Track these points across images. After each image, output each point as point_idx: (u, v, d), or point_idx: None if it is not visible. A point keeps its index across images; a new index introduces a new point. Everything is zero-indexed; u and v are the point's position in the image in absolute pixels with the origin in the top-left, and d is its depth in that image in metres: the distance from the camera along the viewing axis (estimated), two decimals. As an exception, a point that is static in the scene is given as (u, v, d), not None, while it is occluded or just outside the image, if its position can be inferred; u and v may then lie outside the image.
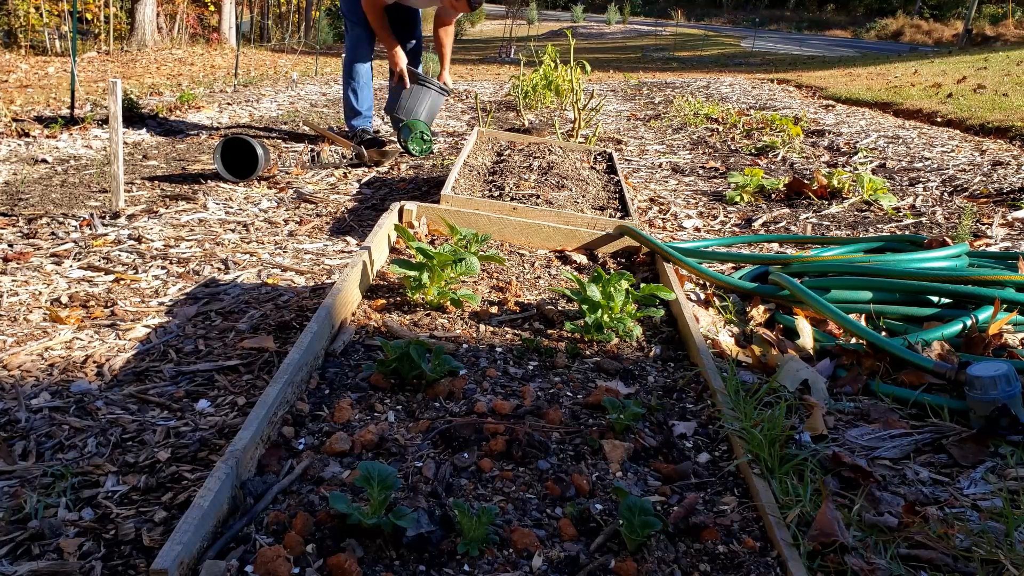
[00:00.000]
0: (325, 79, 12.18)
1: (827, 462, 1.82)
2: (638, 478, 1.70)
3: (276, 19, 23.03)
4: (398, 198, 4.33)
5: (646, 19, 41.06)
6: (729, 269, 3.36)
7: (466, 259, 2.53)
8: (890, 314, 2.63)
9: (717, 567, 1.42)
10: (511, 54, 20.29)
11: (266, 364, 2.26)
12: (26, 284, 2.81)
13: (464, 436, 1.75)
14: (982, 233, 4.02)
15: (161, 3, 16.67)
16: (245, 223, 3.73)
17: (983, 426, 1.97)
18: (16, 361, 2.24)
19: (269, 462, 1.64)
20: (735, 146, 6.80)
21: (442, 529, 1.42)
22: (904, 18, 35.31)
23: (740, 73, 16.77)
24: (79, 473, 1.71)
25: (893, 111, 9.25)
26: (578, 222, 3.43)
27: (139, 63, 12.90)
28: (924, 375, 2.21)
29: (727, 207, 4.60)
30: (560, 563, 1.40)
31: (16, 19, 14.77)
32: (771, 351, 2.40)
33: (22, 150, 5.13)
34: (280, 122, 7.16)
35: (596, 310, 2.38)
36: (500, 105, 9.49)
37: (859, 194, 4.66)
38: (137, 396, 2.07)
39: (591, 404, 1.97)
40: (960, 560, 1.50)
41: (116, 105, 3.52)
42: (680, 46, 26.67)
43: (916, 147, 6.66)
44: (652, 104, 10.37)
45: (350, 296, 2.42)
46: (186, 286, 2.88)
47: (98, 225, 3.56)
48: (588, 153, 5.27)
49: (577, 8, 38.34)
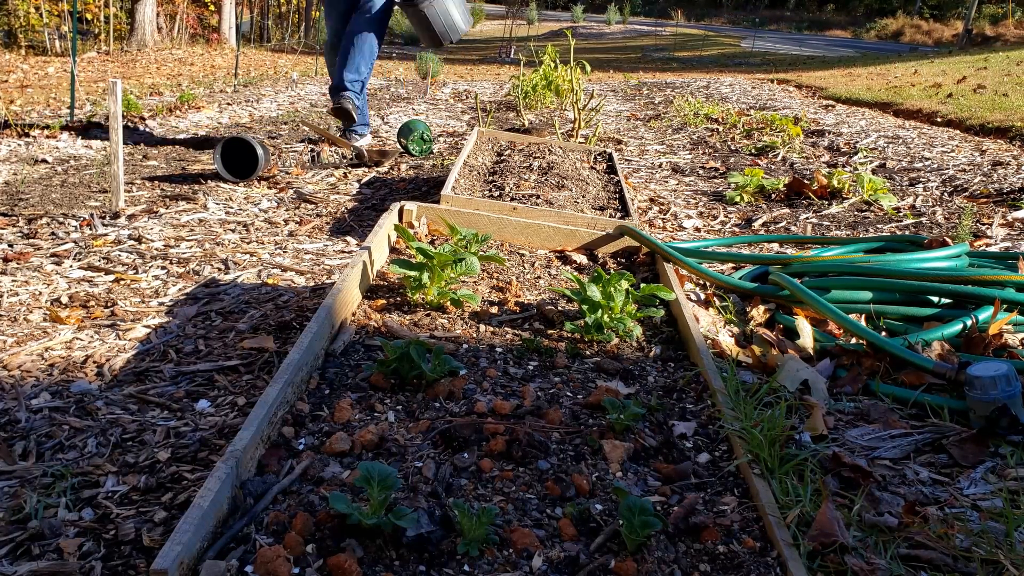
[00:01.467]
0: (325, 79, 12.18)
1: (827, 462, 1.82)
2: (638, 478, 1.70)
3: (276, 19, 23.03)
4: (398, 198, 4.33)
5: (646, 19, 41.06)
6: (729, 269, 3.36)
7: (466, 259, 2.53)
8: (890, 314, 2.63)
9: (717, 567, 1.42)
10: (511, 54, 20.28)
11: (266, 364, 2.26)
12: (26, 284, 2.81)
13: (464, 436, 1.75)
14: (982, 233, 4.02)
15: (161, 3, 16.67)
16: (245, 223, 3.73)
17: (983, 426, 1.97)
18: (16, 361, 2.24)
19: (269, 462, 1.64)
20: (735, 146, 6.80)
21: (442, 529, 1.42)
22: (904, 18, 35.32)
23: (740, 73, 16.76)
24: (79, 473, 1.71)
25: (893, 111, 9.25)
26: (578, 222, 3.43)
27: (139, 63, 12.90)
28: (924, 375, 2.21)
29: (727, 207, 4.60)
30: (560, 563, 1.39)
31: (16, 19, 14.77)
32: (771, 351, 2.40)
33: (22, 150, 5.13)
34: (280, 122, 7.16)
35: (596, 310, 2.38)
36: (500, 105, 9.49)
37: (859, 194, 4.66)
38: (137, 396, 2.07)
39: (591, 404, 1.97)
40: (960, 560, 1.50)
41: (116, 105, 3.52)
42: (680, 46, 26.67)
43: (916, 147, 6.66)
44: (652, 104, 10.37)
45: (350, 296, 2.42)
46: (186, 286, 2.88)
47: (98, 225, 3.56)
48: (588, 153, 5.27)
49: (577, 8, 38.33)
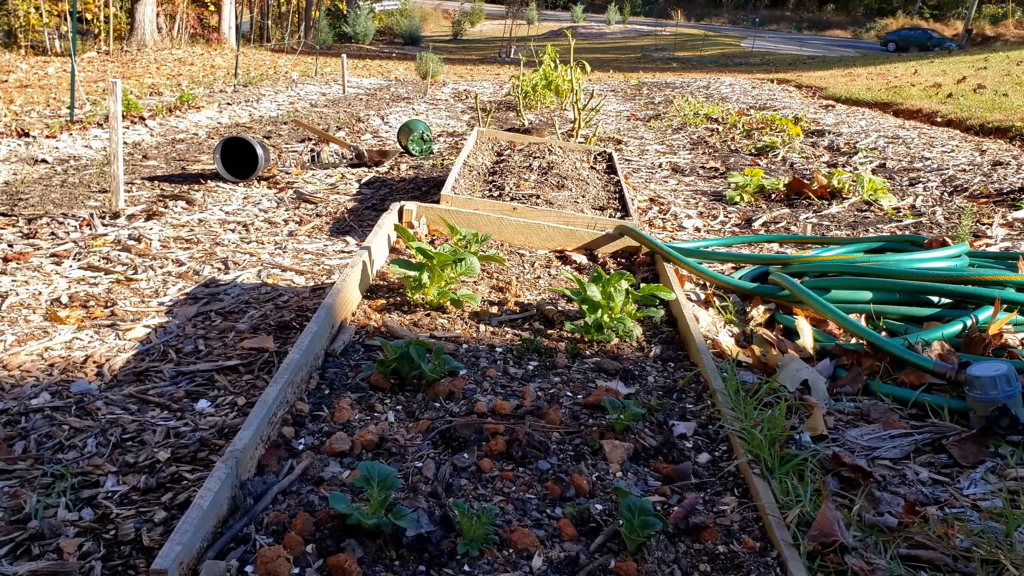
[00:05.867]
0: (325, 79, 12.18)
1: (827, 462, 1.82)
2: (638, 478, 1.70)
3: (276, 19, 23.03)
4: (398, 198, 4.33)
5: (646, 19, 41.05)
6: (729, 269, 3.36)
7: (466, 259, 2.53)
8: (890, 314, 2.63)
9: (717, 567, 1.42)
10: (511, 54, 20.28)
11: (266, 364, 2.26)
12: (26, 284, 2.81)
13: (464, 436, 1.75)
14: (982, 233, 4.02)
15: (161, 3, 16.67)
16: (245, 223, 3.73)
17: (983, 426, 1.97)
18: (16, 361, 2.24)
19: (269, 462, 1.64)
20: (735, 146, 6.80)
21: (442, 529, 1.42)
22: (904, 18, 35.32)
23: (740, 73, 16.76)
24: (79, 473, 1.71)
25: (893, 111, 9.25)
26: (578, 222, 3.43)
27: (139, 63, 12.89)
28: (924, 375, 2.20)
29: (727, 207, 4.60)
30: (560, 563, 1.39)
31: (16, 19, 14.77)
32: (771, 351, 2.40)
33: (22, 150, 5.13)
34: (280, 122, 7.16)
35: (596, 310, 2.38)
36: (500, 105, 9.49)
37: (859, 194, 4.66)
38: (137, 396, 2.07)
39: (591, 404, 1.97)
40: (960, 560, 1.50)
41: (116, 105, 3.52)
42: (680, 46, 26.66)
43: (916, 147, 6.66)
44: (652, 104, 10.37)
45: (350, 296, 2.41)
46: (186, 286, 2.88)
47: (98, 225, 3.56)
48: (588, 153, 5.26)
49: (577, 8, 38.34)
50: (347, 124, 7.31)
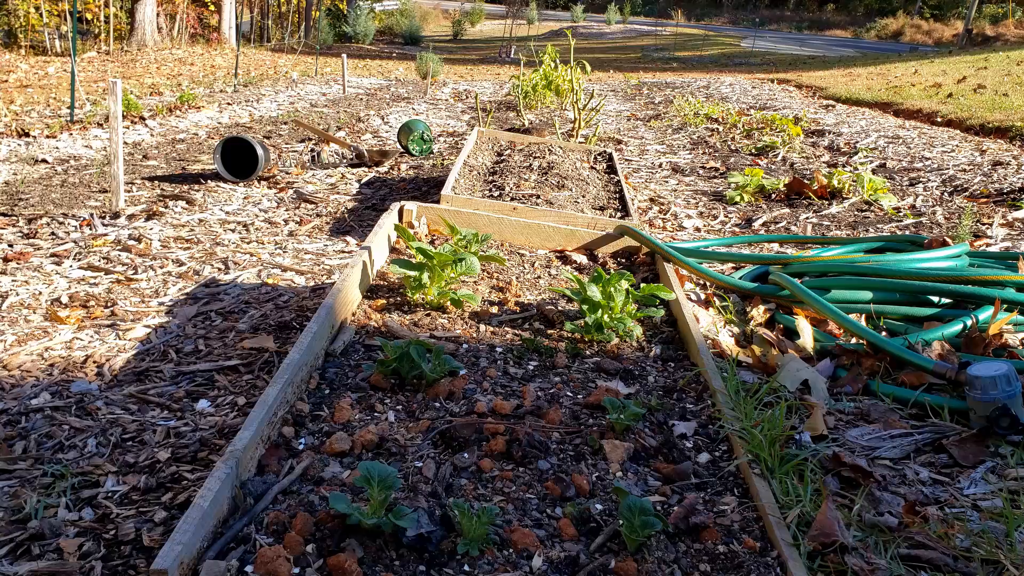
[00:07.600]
0: (325, 79, 12.18)
1: (827, 462, 1.82)
2: (638, 478, 1.70)
3: (276, 19, 23.03)
4: (398, 198, 4.33)
5: (646, 19, 41.03)
6: (729, 269, 3.36)
7: (466, 259, 2.53)
8: (890, 314, 2.63)
9: (717, 567, 1.42)
10: (511, 54, 20.29)
11: (266, 364, 2.26)
12: (26, 284, 2.81)
13: (464, 436, 1.75)
14: (982, 233, 4.02)
15: (161, 3, 16.66)
16: (245, 223, 3.73)
17: (983, 426, 1.97)
18: (16, 361, 2.24)
19: (269, 462, 1.64)
20: (735, 146, 6.80)
21: (442, 529, 1.42)
22: (904, 18, 35.31)
23: (740, 73, 16.76)
24: (79, 473, 1.71)
25: (893, 111, 9.25)
26: (578, 222, 3.43)
27: (139, 63, 12.89)
28: (924, 375, 2.20)
29: (727, 207, 4.60)
30: (560, 563, 1.39)
31: (16, 19, 14.77)
32: (771, 351, 2.40)
33: (22, 150, 5.13)
34: (280, 122, 7.16)
35: (596, 310, 2.38)
36: (500, 105, 9.49)
37: (859, 194, 4.66)
38: (137, 396, 2.07)
39: (591, 404, 1.97)
40: (960, 560, 1.50)
41: (116, 105, 3.52)
42: (680, 46, 26.66)
43: (916, 147, 6.66)
44: (652, 104, 10.37)
45: (350, 296, 2.42)
46: (186, 286, 2.88)
47: (98, 225, 3.56)
48: (588, 153, 5.26)
49: (577, 8, 38.32)
50: (347, 124, 7.31)
